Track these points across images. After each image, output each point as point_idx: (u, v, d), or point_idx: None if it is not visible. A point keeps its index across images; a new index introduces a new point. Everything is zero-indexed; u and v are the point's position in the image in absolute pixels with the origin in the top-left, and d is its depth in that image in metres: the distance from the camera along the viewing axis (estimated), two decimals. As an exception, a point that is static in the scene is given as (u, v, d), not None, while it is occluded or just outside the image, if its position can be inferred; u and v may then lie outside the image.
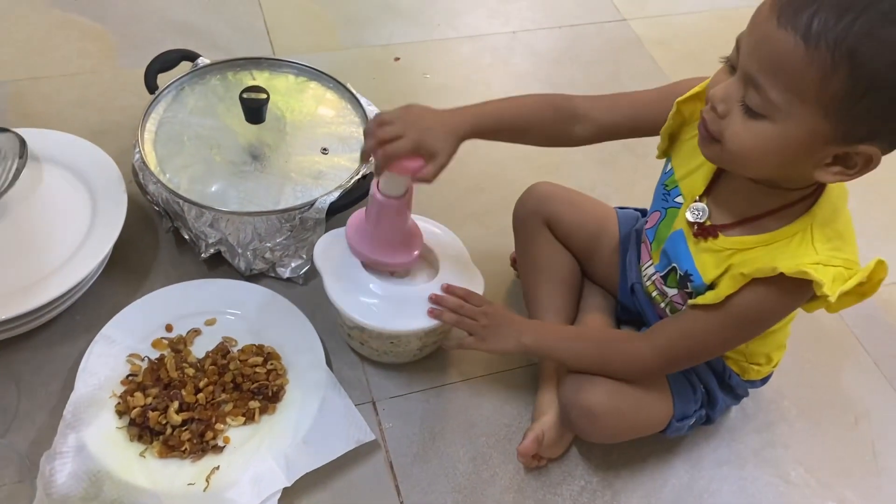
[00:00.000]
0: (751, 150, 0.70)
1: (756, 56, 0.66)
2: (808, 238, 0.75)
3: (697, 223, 0.82)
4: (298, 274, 1.08)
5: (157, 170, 1.04)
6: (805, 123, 0.66)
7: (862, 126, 0.65)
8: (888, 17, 0.60)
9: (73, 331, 1.00)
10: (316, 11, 1.55)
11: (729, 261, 0.79)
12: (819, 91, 0.63)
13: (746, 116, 0.69)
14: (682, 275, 0.84)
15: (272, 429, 0.93)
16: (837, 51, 0.61)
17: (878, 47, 0.61)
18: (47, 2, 1.47)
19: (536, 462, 0.94)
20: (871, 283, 0.76)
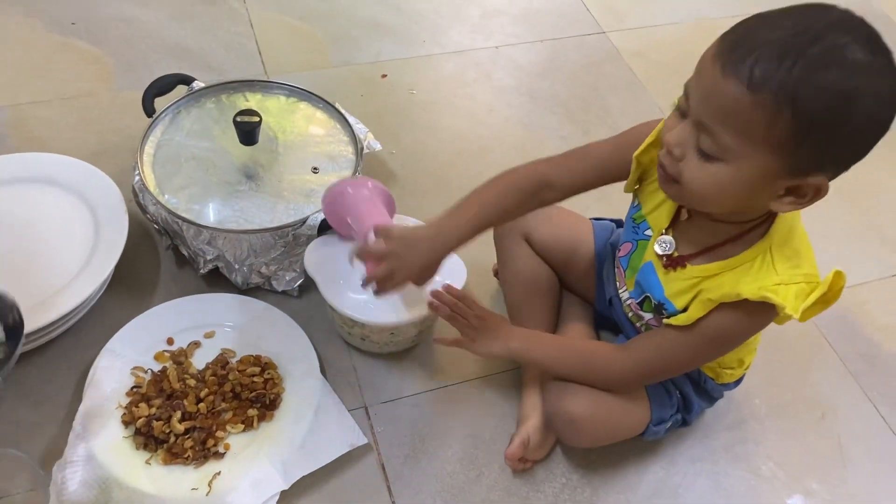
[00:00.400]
0: (708, 190, 0.76)
1: (705, 104, 0.71)
2: (769, 260, 0.81)
3: (666, 255, 0.88)
4: (293, 287, 1.14)
5: (156, 191, 1.09)
6: (757, 162, 0.71)
7: (808, 160, 0.71)
8: (821, 62, 0.66)
9: (79, 345, 1.06)
10: (306, 31, 1.60)
11: (697, 287, 0.85)
12: (767, 133, 0.69)
13: (701, 159, 0.74)
14: (657, 304, 0.90)
15: (270, 435, 0.98)
16: (780, 96, 0.67)
17: (815, 90, 0.66)
18: (46, 26, 1.52)
19: (523, 465, 1.00)
20: (833, 292, 0.81)
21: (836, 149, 0.71)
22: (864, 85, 0.67)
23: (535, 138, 1.45)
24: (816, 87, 0.66)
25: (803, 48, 0.66)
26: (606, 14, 1.76)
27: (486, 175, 1.40)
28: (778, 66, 0.66)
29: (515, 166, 0.94)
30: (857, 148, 0.72)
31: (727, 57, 0.69)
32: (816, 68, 0.66)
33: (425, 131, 1.44)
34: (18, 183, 1.15)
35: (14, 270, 1.06)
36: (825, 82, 0.66)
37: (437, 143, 1.41)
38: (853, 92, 0.67)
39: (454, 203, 0.92)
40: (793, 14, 0.69)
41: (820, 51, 0.66)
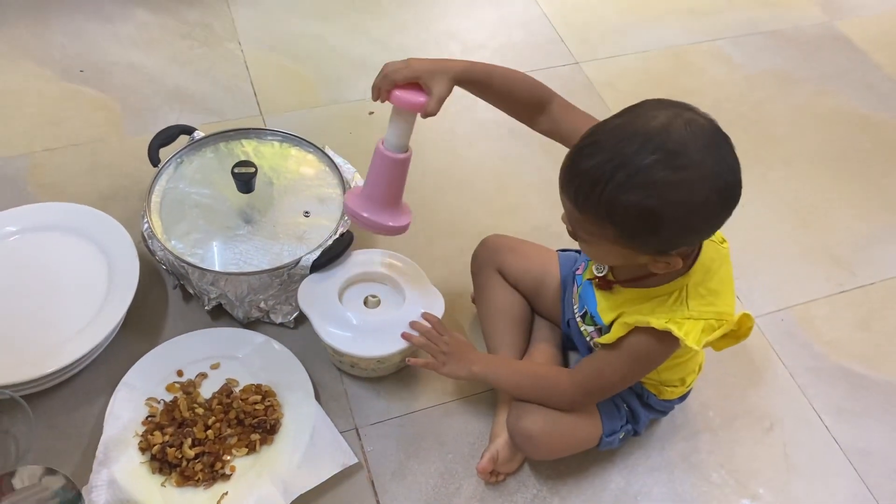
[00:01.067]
0: (593, 256, 0.96)
1: (563, 206, 0.89)
2: (683, 297, 0.93)
3: (599, 276, 1.01)
4: (289, 319, 1.26)
5: (163, 237, 1.21)
6: (610, 248, 0.87)
7: (648, 247, 0.86)
8: (625, 186, 0.80)
9: (98, 380, 1.17)
10: (297, 72, 1.72)
11: (620, 308, 0.98)
12: (602, 234, 0.85)
13: (580, 239, 0.91)
14: (591, 316, 1.03)
15: (271, 457, 1.10)
16: (599, 214, 0.83)
17: (623, 209, 0.81)
18: (56, 75, 1.63)
19: (495, 478, 1.12)
20: (743, 330, 0.97)
21: (666, 243, 0.85)
22: (665, 200, 0.80)
23: (512, 171, 1.56)
24: (624, 206, 0.81)
25: (612, 174, 0.80)
26: (580, 45, 1.87)
27: (467, 209, 1.52)
28: (590, 193, 0.82)
29: None
30: (686, 238, 0.86)
31: (563, 178, 0.85)
32: (621, 192, 0.80)
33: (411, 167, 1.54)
34: (38, 231, 1.27)
35: (38, 313, 1.18)
36: (630, 202, 0.80)
37: (421, 178, 1.52)
38: (656, 208, 0.80)
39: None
40: (614, 134, 0.82)
41: (625, 175, 0.79)
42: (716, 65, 1.87)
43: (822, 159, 1.67)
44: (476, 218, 1.46)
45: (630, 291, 0.96)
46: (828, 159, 1.67)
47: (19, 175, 1.44)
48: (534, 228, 1.43)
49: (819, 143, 1.71)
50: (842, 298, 1.43)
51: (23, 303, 1.19)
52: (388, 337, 1.14)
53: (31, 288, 1.21)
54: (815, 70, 1.89)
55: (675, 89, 1.77)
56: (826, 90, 1.84)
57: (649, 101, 0.85)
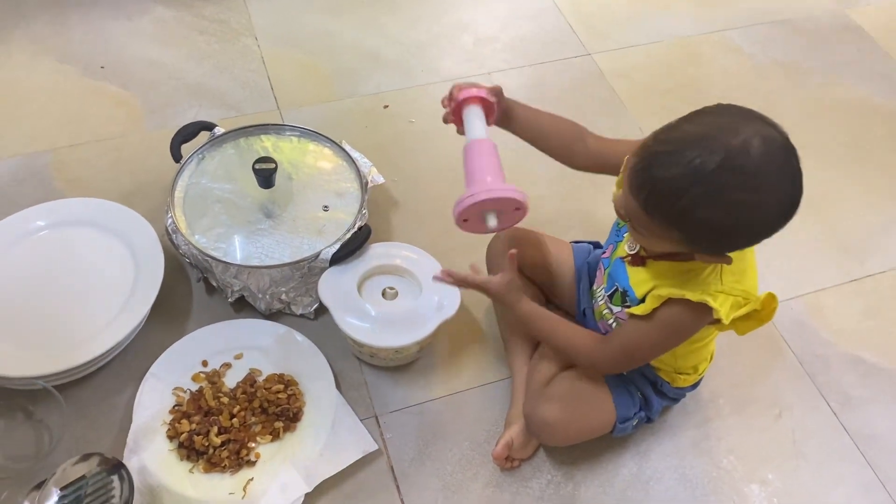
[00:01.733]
0: (643, 243, 0.97)
1: (623, 200, 0.91)
2: (718, 271, 0.96)
3: (632, 254, 1.03)
4: (309, 310, 1.29)
5: (187, 232, 1.25)
6: (666, 243, 0.91)
7: (707, 250, 0.90)
8: (702, 201, 0.82)
9: (126, 370, 1.21)
10: (313, 66, 1.74)
11: (654, 281, 1.00)
12: (664, 235, 0.88)
13: (633, 228, 0.93)
14: (622, 292, 1.05)
15: (294, 444, 1.14)
16: (668, 220, 0.86)
17: (696, 224, 0.84)
18: (78, 72, 1.67)
19: (509, 464, 1.15)
20: (766, 311, 0.96)
21: (726, 249, 0.89)
22: (739, 220, 0.83)
23: (525, 164, 1.57)
24: (697, 219, 0.83)
25: (688, 188, 0.82)
26: (591, 36, 1.89)
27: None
28: (663, 202, 0.84)
29: None
30: (746, 245, 0.91)
31: (632, 180, 0.87)
32: (696, 207, 0.82)
33: (424, 159, 1.58)
34: (66, 226, 1.31)
35: (68, 307, 1.22)
36: (704, 218, 0.83)
37: (436, 171, 1.56)
38: (729, 225, 0.83)
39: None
40: (692, 146, 0.82)
41: (702, 191, 0.81)
42: (726, 55, 1.88)
43: (833, 149, 1.69)
44: (490, 210, 1.49)
45: (663, 264, 0.99)
46: (839, 149, 1.68)
47: (45, 171, 1.48)
48: (547, 220, 1.46)
49: (830, 132, 1.72)
50: (851, 287, 1.45)
51: (53, 296, 1.23)
52: (406, 328, 1.17)
53: (60, 282, 1.25)
54: (826, 59, 1.90)
55: (685, 79, 1.79)
56: (837, 80, 1.85)
57: (725, 107, 0.86)
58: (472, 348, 1.30)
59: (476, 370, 1.27)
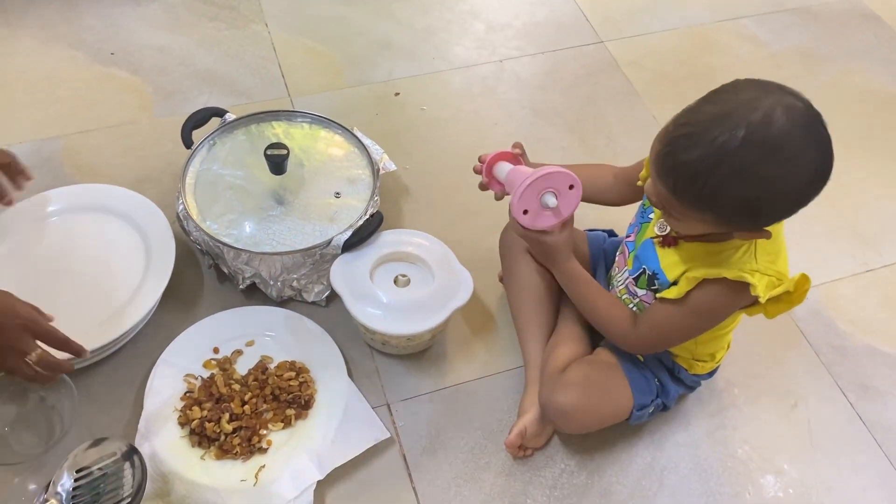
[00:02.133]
0: (677, 228, 0.95)
1: (653, 187, 0.90)
2: (752, 250, 0.94)
3: (662, 235, 1.02)
4: (321, 298, 1.28)
5: (198, 218, 1.24)
6: (702, 225, 0.89)
7: (743, 226, 0.89)
8: (728, 180, 0.81)
9: (137, 357, 1.21)
10: (324, 53, 1.73)
11: (686, 264, 0.99)
12: (699, 217, 0.87)
13: (667, 214, 0.92)
14: (651, 275, 1.04)
15: (306, 432, 1.13)
16: (699, 202, 0.85)
17: (726, 200, 0.83)
18: (88, 59, 1.66)
19: (522, 452, 1.14)
20: (798, 293, 0.95)
21: (762, 223, 0.88)
22: (769, 192, 0.82)
23: (538, 151, 1.56)
24: (728, 197, 0.82)
25: (714, 168, 0.81)
26: (604, 23, 1.87)
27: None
28: (691, 185, 0.83)
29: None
30: (782, 217, 0.89)
31: (660, 166, 0.86)
32: (725, 185, 0.81)
33: (436, 147, 1.57)
34: (77, 212, 1.30)
35: (79, 293, 1.21)
36: (734, 195, 0.82)
37: (447, 159, 1.54)
38: (760, 198, 0.82)
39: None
40: (712, 125, 0.82)
41: (728, 170, 0.81)
42: (741, 43, 1.86)
43: (850, 138, 1.66)
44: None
45: (695, 246, 0.98)
46: (855, 138, 1.66)
47: (55, 157, 1.48)
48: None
49: (846, 121, 1.69)
50: (867, 277, 1.43)
51: (64, 282, 1.22)
52: (419, 315, 1.16)
53: (71, 268, 1.24)
54: (843, 47, 1.87)
55: (700, 68, 1.77)
56: (853, 68, 1.83)
57: (742, 83, 0.85)
58: (484, 336, 1.29)
59: (488, 358, 1.26)
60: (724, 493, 1.15)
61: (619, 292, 1.12)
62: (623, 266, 1.12)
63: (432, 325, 1.16)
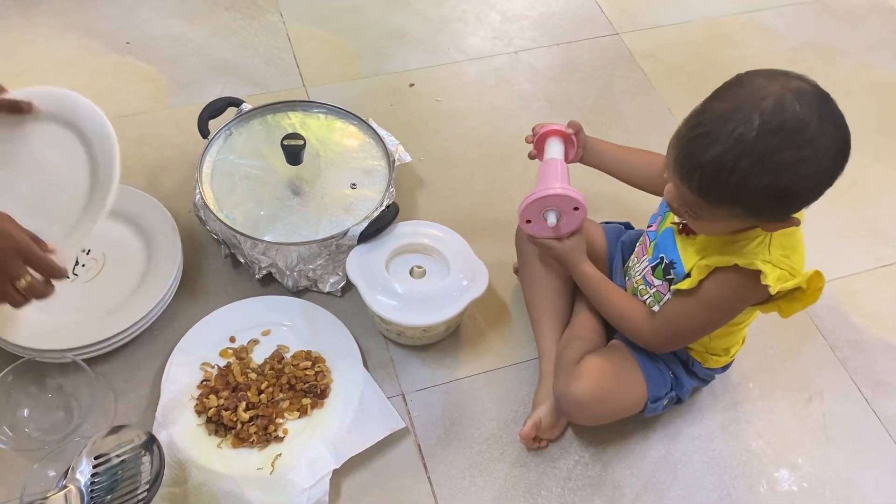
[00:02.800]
0: (704, 230, 0.96)
1: (676, 191, 0.90)
2: (767, 242, 0.94)
3: (682, 222, 1.02)
4: (336, 288, 1.29)
5: (215, 208, 1.24)
6: (728, 222, 0.90)
7: (772, 217, 0.88)
8: (752, 172, 0.81)
9: (154, 345, 1.22)
10: (339, 44, 1.73)
11: (702, 252, 0.99)
12: (728, 214, 0.87)
13: (691, 217, 0.92)
14: (668, 263, 1.04)
15: (322, 421, 1.14)
16: (725, 198, 0.85)
17: (754, 193, 0.83)
18: (103, 48, 1.66)
19: (537, 444, 1.15)
20: (812, 290, 0.94)
21: (790, 210, 0.87)
22: (795, 178, 0.82)
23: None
24: (754, 190, 0.82)
25: (736, 163, 0.81)
26: (620, 15, 1.86)
27: (506, 181, 1.52)
28: (715, 183, 0.83)
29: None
30: (809, 202, 0.87)
31: (680, 170, 0.86)
32: (750, 178, 0.81)
33: (451, 138, 1.57)
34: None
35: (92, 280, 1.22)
36: (761, 186, 0.82)
37: (462, 150, 1.54)
38: (788, 186, 0.82)
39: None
40: (726, 121, 0.82)
41: (750, 162, 0.80)
42: (757, 36, 1.85)
43: (866, 132, 1.62)
44: (517, 189, 1.45)
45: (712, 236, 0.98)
46: (871, 132, 1.65)
47: (72, 146, 1.48)
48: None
49: (862, 115, 1.68)
50: (883, 272, 1.43)
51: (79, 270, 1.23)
52: (434, 306, 1.16)
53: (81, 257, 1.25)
54: (860, 41, 1.86)
55: (716, 60, 1.76)
56: (871, 62, 1.82)
57: (746, 76, 0.85)
58: (499, 328, 1.29)
59: (503, 350, 1.27)
60: (738, 487, 1.15)
61: (636, 283, 1.12)
62: (642, 255, 1.12)
63: (448, 316, 1.16)
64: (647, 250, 1.10)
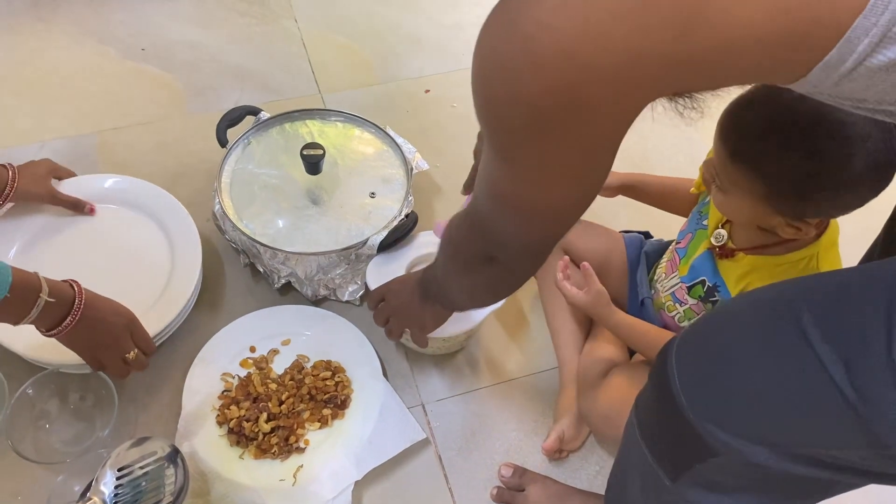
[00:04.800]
0: (725, 210, 0.95)
1: (714, 154, 0.89)
2: (815, 265, 0.94)
3: (719, 245, 1.02)
4: (355, 297, 1.29)
5: (235, 217, 1.24)
6: (750, 202, 0.88)
7: (791, 212, 0.87)
8: (787, 145, 0.80)
9: (175, 355, 1.22)
10: (354, 49, 1.73)
11: (747, 278, 0.98)
12: (749, 188, 0.86)
13: (718, 189, 0.91)
14: (710, 287, 1.03)
15: (343, 432, 1.14)
16: (753, 167, 0.84)
17: (781, 167, 0.82)
18: (119, 55, 1.67)
19: (559, 455, 1.15)
20: None
21: (810, 209, 0.86)
22: (824, 167, 0.80)
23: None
24: (782, 164, 0.81)
25: (777, 131, 0.80)
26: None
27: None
28: (752, 146, 0.82)
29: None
30: (831, 210, 0.87)
31: (724, 127, 0.85)
32: (783, 150, 0.80)
33: (467, 145, 1.54)
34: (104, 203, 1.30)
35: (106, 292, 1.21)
36: (790, 162, 0.81)
37: (479, 157, 1.54)
38: (813, 172, 0.81)
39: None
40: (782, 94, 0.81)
41: (788, 134, 0.80)
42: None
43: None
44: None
45: (756, 259, 0.97)
46: None
47: (90, 154, 1.48)
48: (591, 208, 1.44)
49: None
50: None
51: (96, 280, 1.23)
52: (456, 316, 1.16)
53: (102, 263, 1.24)
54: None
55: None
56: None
57: None
58: (518, 337, 1.29)
59: (522, 359, 1.27)
60: (760, 498, 1.15)
61: (664, 298, 1.11)
62: (672, 272, 1.11)
63: (468, 326, 1.16)
64: (677, 268, 1.10)
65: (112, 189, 1.32)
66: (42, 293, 0.98)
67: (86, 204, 1.27)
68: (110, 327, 1.05)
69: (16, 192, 1.20)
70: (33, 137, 1.50)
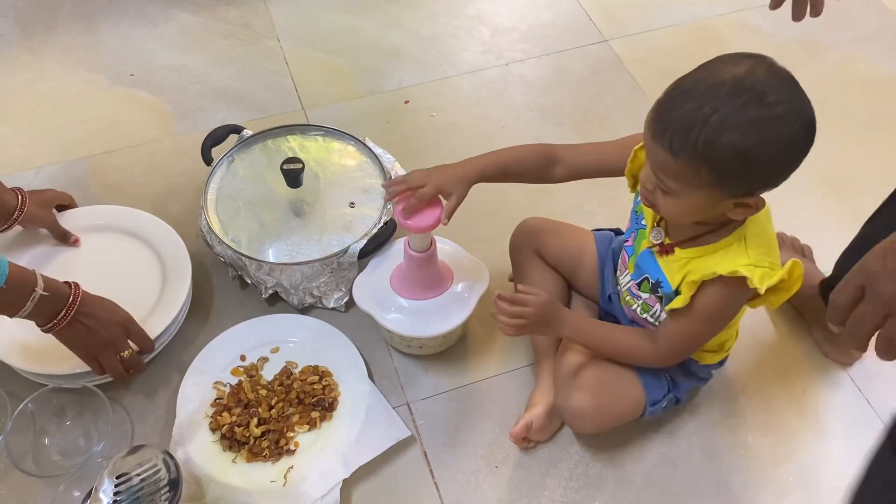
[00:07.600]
0: (671, 213, 0.98)
1: (650, 160, 0.92)
2: (743, 246, 0.98)
3: (658, 243, 1.06)
4: (340, 304, 1.34)
5: (220, 232, 1.29)
6: (698, 196, 0.91)
7: (739, 189, 0.91)
8: (721, 127, 0.84)
9: (168, 366, 1.27)
10: (335, 65, 1.78)
11: (685, 269, 1.03)
12: (695, 181, 0.89)
13: (662, 193, 0.94)
14: (654, 283, 1.07)
15: (331, 433, 1.19)
16: (695, 159, 0.86)
17: (720, 151, 0.85)
18: (109, 81, 1.73)
19: (526, 444, 1.19)
20: (792, 279, 0.98)
21: (756, 182, 0.90)
22: (761, 137, 0.84)
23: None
24: (721, 148, 0.85)
25: (707, 118, 0.84)
26: (608, 22, 1.90)
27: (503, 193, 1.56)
28: (686, 138, 0.85)
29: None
30: (776, 177, 0.91)
31: (654, 129, 0.89)
32: (718, 133, 0.84)
33: (446, 152, 1.61)
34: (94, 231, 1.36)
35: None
36: (728, 142, 0.84)
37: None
38: (753, 145, 0.85)
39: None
40: (700, 83, 0.86)
41: (719, 118, 0.84)
42: (745, 35, 1.88)
43: (854, 126, 1.69)
44: (512, 199, 1.51)
45: (691, 251, 1.01)
46: (860, 126, 1.68)
47: (82, 178, 1.54)
48: (569, 208, 1.49)
49: (851, 109, 1.72)
50: (874, 263, 1.45)
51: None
52: (450, 311, 1.21)
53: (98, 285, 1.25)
54: (846, 35, 1.89)
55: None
56: (858, 55, 1.85)
57: (724, 55, 0.89)
58: (498, 335, 1.33)
59: (504, 356, 1.31)
60: (736, 480, 1.19)
61: (623, 294, 1.15)
62: (624, 270, 1.15)
63: (465, 316, 1.20)
64: (627, 266, 1.14)
65: (105, 220, 1.38)
66: (37, 287, 1.03)
67: (71, 235, 1.33)
68: (106, 324, 1.10)
69: (24, 215, 1.26)
70: (29, 164, 1.56)
